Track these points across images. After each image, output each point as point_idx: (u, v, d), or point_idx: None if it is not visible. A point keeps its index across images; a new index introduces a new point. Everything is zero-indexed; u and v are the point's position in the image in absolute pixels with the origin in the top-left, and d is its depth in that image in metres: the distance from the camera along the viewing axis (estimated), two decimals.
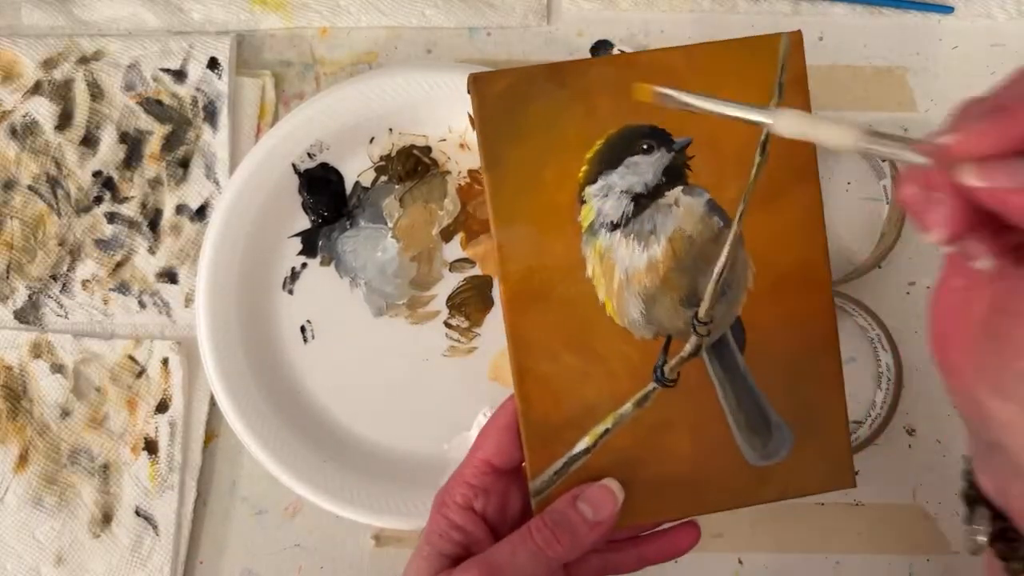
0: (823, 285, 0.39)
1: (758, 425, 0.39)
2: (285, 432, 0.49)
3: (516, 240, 0.38)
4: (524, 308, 0.38)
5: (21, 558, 0.50)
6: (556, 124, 0.38)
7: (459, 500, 0.39)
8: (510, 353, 0.38)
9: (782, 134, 0.29)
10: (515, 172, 0.38)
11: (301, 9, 0.53)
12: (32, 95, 0.52)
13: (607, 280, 0.38)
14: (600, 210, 0.38)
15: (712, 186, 0.38)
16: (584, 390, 0.38)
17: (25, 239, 0.52)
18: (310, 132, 0.50)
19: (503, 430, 0.39)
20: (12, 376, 0.51)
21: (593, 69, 0.38)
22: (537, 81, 0.38)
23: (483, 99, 0.38)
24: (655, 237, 0.38)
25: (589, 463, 0.38)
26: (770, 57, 0.38)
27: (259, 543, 0.52)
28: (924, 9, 0.53)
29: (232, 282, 0.50)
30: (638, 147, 0.38)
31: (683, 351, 0.39)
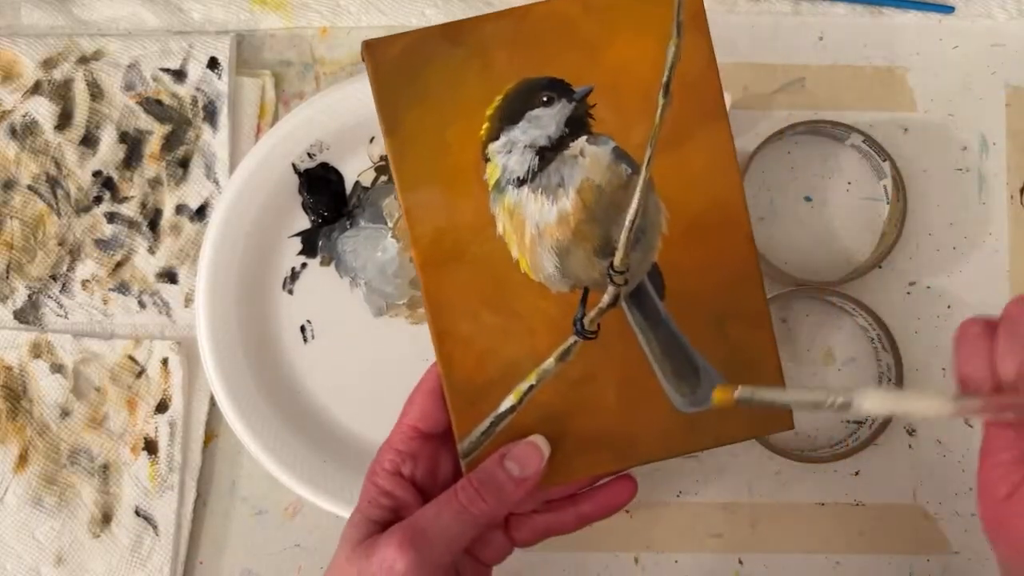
0: (740, 224, 0.39)
1: (684, 371, 0.39)
2: (285, 432, 0.49)
3: (423, 203, 0.38)
4: (437, 270, 0.38)
5: (21, 558, 0.50)
6: (454, 83, 0.38)
7: (387, 466, 0.39)
8: (427, 317, 0.38)
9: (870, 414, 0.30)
10: (416, 135, 0.38)
11: (301, 9, 0.53)
12: (32, 95, 0.52)
13: (518, 236, 0.38)
14: (505, 167, 0.38)
15: (617, 133, 0.38)
16: (505, 348, 0.38)
17: (25, 239, 0.52)
18: (310, 132, 0.50)
19: (428, 394, 0.39)
20: (12, 376, 0.51)
21: (488, 24, 0.38)
22: (432, 41, 0.38)
23: (378, 65, 0.38)
24: (563, 190, 0.38)
25: (516, 421, 0.38)
26: None
27: (259, 543, 0.52)
28: (924, 9, 0.53)
29: (232, 282, 0.50)
30: (538, 100, 0.38)
31: (601, 302, 0.39)
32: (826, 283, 0.50)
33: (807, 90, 0.53)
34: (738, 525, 0.51)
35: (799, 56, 0.53)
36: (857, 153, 0.53)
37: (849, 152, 0.53)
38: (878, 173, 0.52)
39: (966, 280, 0.52)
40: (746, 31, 0.53)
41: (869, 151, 0.51)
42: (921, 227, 0.52)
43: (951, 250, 0.52)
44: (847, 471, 0.51)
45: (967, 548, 0.51)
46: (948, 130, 0.53)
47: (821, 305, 0.52)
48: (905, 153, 0.52)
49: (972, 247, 0.52)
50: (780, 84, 0.53)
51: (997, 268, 0.52)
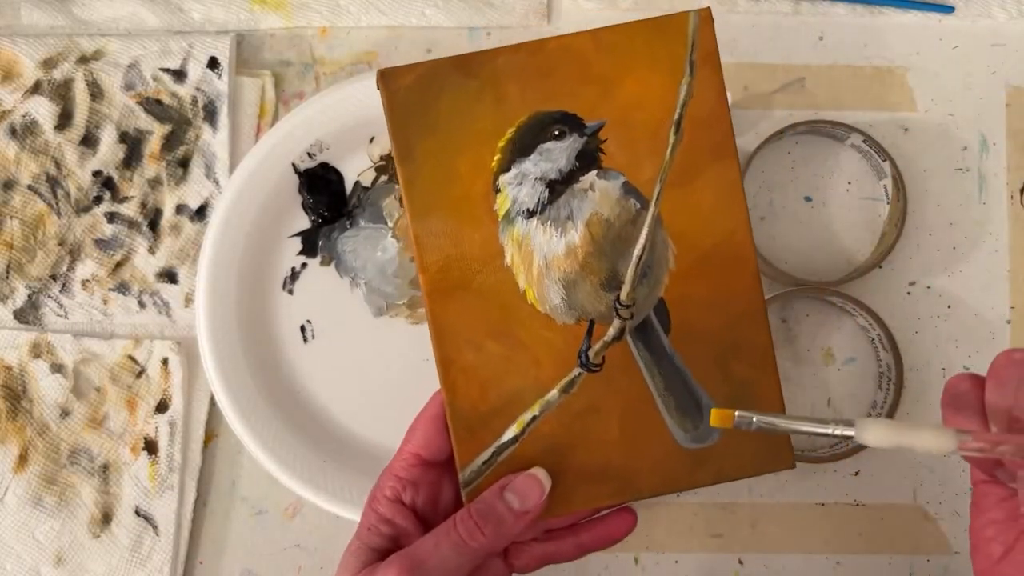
0: (748, 261, 0.39)
1: (688, 407, 0.39)
2: (285, 432, 0.49)
3: (433, 232, 0.38)
4: (445, 299, 0.38)
5: (21, 558, 0.50)
6: (467, 114, 0.38)
7: (388, 494, 0.39)
8: (433, 344, 0.39)
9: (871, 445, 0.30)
10: (428, 164, 0.38)
11: (301, 9, 0.53)
12: (32, 95, 0.52)
13: (526, 267, 0.38)
14: (515, 198, 0.38)
15: (627, 168, 0.38)
16: (510, 378, 0.39)
17: (25, 239, 0.52)
18: (310, 132, 0.50)
19: (431, 421, 0.39)
20: (12, 376, 0.51)
21: (501, 57, 0.38)
22: (445, 73, 0.38)
23: (392, 94, 0.38)
24: (572, 223, 0.38)
25: (518, 452, 0.38)
26: (679, 35, 0.38)
27: (259, 543, 0.52)
28: (924, 9, 0.53)
29: (232, 282, 0.50)
30: (550, 133, 0.38)
31: (607, 335, 0.39)
32: (826, 283, 0.50)
33: (807, 90, 0.53)
34: (738, 525, 0.51)
35: (799, 56, 0.53)
36: (857, 153, 0.53)
37: (849, 152, 0.53)
38: (878, 173, 0.52)
39: (966, 280, 0.52)
40: (746, 31, 0.53)
41: (869, 151, 0.51)
42: (921, 227, 0.52)
43: (951, 250, 0.52)
44: (847, 471, 0.51)
45: (967, 548, 0.51)
46: (948, 130, 0.53)
47: (821, 305, 0.52)
48: (905, 153, 0.52)
49: (972, 247, 0.52)
50: (780, 84, 0.53)
51: (997, 268, 0.52)
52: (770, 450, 0.39)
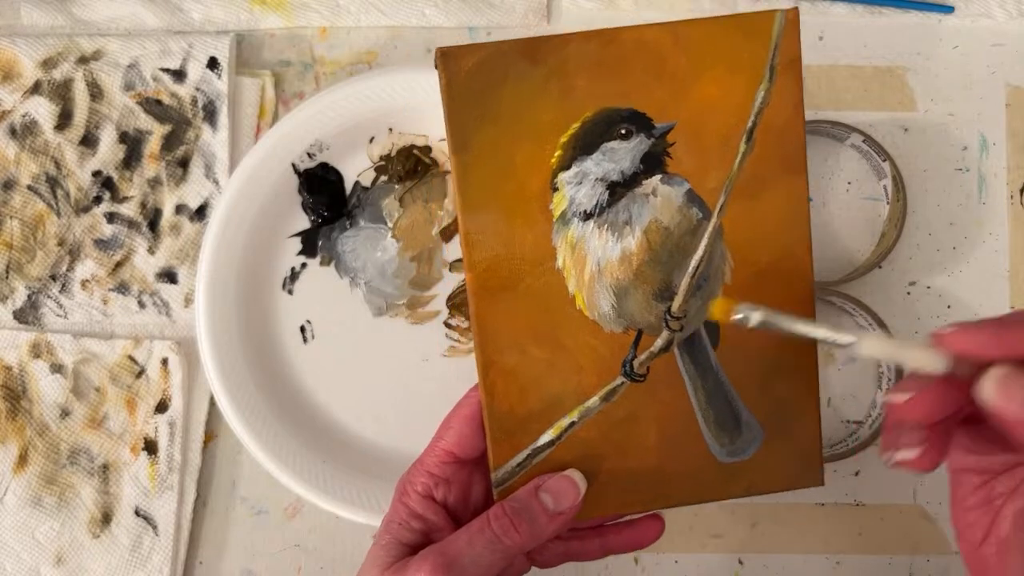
0: (804, 281, 0.38)
1: (727, 422, 0.38)
2: (285, 432, 0.49)
3: (484, 228, 0.37)
4: (491, 299, 0.37)
5: (21, 558, 0.50)
6: (529, 105, 0.36)
7: (419, 489, 0.39)
8: (475, 344, 0.37)
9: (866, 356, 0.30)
10: (484, 156, 0.36)
11: (301, 9, 0.53)
12: (31, 95, 0.52)
13: (578, 272, 0.37)
14: (573, 198, 0.36)
15: (692, 175, 0.37)
16: (550, 383, 0.38)
17: (24, 239, 0.52)
18: (310, 132, 0.50)
19: (466, 420, 0.39)
20: (11, 376, 0.51)
21: (571, 45, 0.36)
22: (510, 57, 0.36)
23: (452, 76, 0.36)
24: (630, 228, 0.36)
25: (553, 455, 0.38)
26: (763, 37, 0.36)
27: (259, 543, 0.52)
28: (924, 9, 0.53)
29: (232, 282, 0.50)
30: (616, 132, 0.36)
31: (654, 346, 0.38)
32: (826, 283, 0.50)
33: (807, 90, 0.53)
34: (738, 525, 0.51)
35: None
36: (857, 153, 0.53)
37: (849, 152, 0.53)
38: (878, 173, 0.52)
39: (966, 280, 0.52)
40: None
41: (869, 151, 0.51)
42: (921, 227, 0.52)
43: (951, 250, 0.52)
44: (847, 471, 0.51)
45: None
46: (948, 130, 0.53)
47: (821, 305, 0.52)
48: (905, 153, 0.52)
49: (972, 247, 0.52)
50: None
51: (997, 268, 0.52)
52: (801, 467, 0.39)
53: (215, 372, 0.49)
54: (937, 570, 0.51)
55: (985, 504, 0.33)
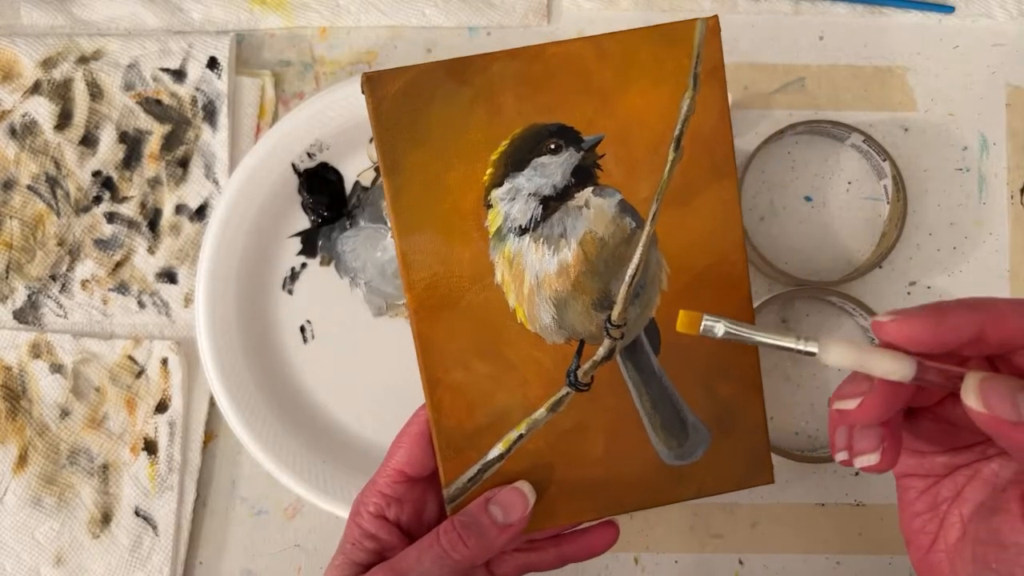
0: (740, 283, 0.38)
1: (673, 426, 0.39)
2: (285, 432, 0.49)
3: (420, 248, 0.37)
4: (432, 317, 0.37)
5: (20, 558, 0.50)
6: (458, 125, 0.36)
7: (372, 509, 0.39)
8: (419, 363, 0.38)
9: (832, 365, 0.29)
10: (416, 177, 0.36)
11: (301, 9, 0.53)
12: (31, 95, 0.52)
13: (517, 286, 0.37)
14: (508, 214, 0.37)
15: (624, 185, 0.37)
16: (497, 397, 0.38)
17: (24, 239, 0.52)
18: (310, 132, 0.50)
19: (415, 438, 0.39)
20: (11, 376, 0.51)
21: (496, 64, 0.36)
22: (436, 79, 0.36)
23: (379, 101, 0.36)
24: (565, 240, 0.37)
25: (503, 469, 0.38)
26: (685, 46, 0.37)
27: (259, 543, 0.52)
28: (924, 9, 0.53)
29: (232, 282, 0.50)
30: (545, 147, 0.37)
31: (596, 355, 0.38)
32: (826, 283, 0.50)
33: (807, 90, 0.53)
34: (738, 525, 0.51)
35: (799, 56, 0.53)
36: (857, 153, 0.53)
37: (849, 152, 0.53)
38: (878, 173, 0.52)
39: (966, 280, 0.52)
40: (746, 31, 0.53)
41: (869, 151, 0.51)
42: (921, 227, 0.52)
43: (951, 250, 0.52)
44: (847, 471, 0.51)
45: None
46: (948, 130, 0.53)
47: (821, 305, 0.52)
48: (905, 153, 0.52)
49: (972, 247, 0.52)
50: (780, 84, 0.53)
51: (997, 268, 0.52)
52: (750, 466, 0.39)
53: (215, 372, 0.49)
54: None
55: (931, 510, 0.33)
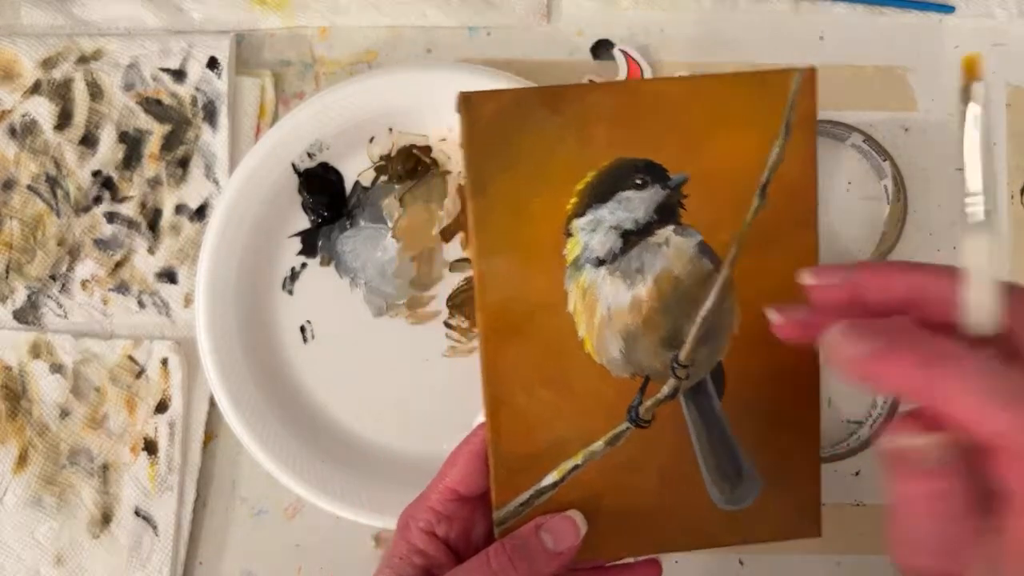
0: None
1: (728, 471, 0.39)
2: (285, 432, 0.49)
3: (498, 271, 0.37)
4: (501, 340, 0.37)
5: (20, 558, 0.50)
6: (548, 153, 0.36)
7: (422, 525, 0.39)
8: (483, 384, 0.37)
9: None
10: (501, 200, 0.36)
11: (301, 9, 0.53)
12: (31, 95, 0.52)
13: (588, 316, 0.37)
14: (587, 245, 0.37)
15: (705, 227, 0.37)
16: (556, 425, 0.38)
17: (24, 239, 0.52)
18: (310, 132, 0.50)
19: (471, 458, 0.39)
20: (11, 376, 0.51)
21: (591, 95, 0.36)
22: (531, 105, 0.36)
23: (473, 121, 0.36)
24: (641, 276, 0.37)
25: (555, 497, 0.38)
26: (780, 94, 0.37)
27: (259, 543, 0.52)
28: (924, 9, 0.53)
29: (232, 282, 0.50)
30: (631, 182, 0.37)
31: (660, 393, 0.38)
32: None
33: None
34: None
35: (799, 56, 0.53)
36: (857, 153, 0.53)
37: (849, 152, 0.53)
38: (878, 173, 0.52)
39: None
40: (746, 31, 0.53)
41: (869, 151, 0.51)
42: (921, 227, 0.52)
43: (951, 250, 0.52)
44: (847, 471, 0.51)
45: None
46: (948, 130, 0.53)
47: None
48: (905, 153, 0.52)
49: None
50: None
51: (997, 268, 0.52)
52: (799, 518, 0.39)
53: (215, 372, 0.49)
54: None
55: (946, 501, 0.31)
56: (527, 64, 0.53)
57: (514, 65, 0.53)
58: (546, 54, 0.53)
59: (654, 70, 0.52)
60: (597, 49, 0.53)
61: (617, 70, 0.52)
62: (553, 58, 0.53)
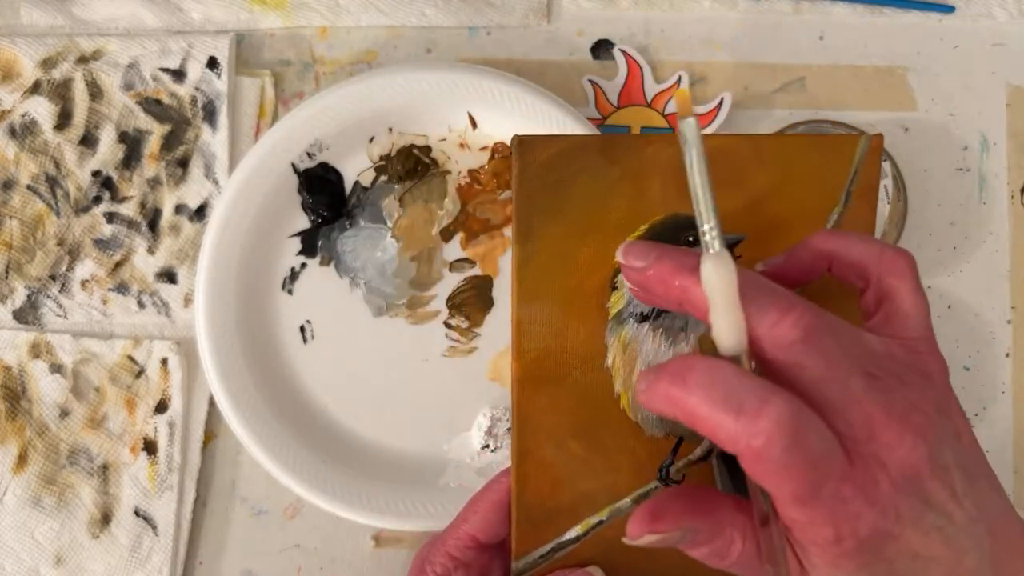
0: None
1: None
2: (285, 432, 0.49)
3: (537, 319, 0.36)
4: (535, 389, 0.37)
5: (20, 558, 0.50)
6: (600, 202, 0.36)
7: (439, 571, 0.39)
8: (513, 432, 0.37)
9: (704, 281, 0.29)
10: (548, 248, 0.36)
11: (301, 8, 0.53)
12: (31, 95, 0.52)
13: (626, 372, 0.36)
14: (631, 299, 0.36)
15: None
16: (584, 479, 0.37)
17: (24, 239, 0.52)
18: (310, 132, 0.50)
19: (494, 506, 0.38)
20: (11, 376, 0.51)
21: (650, 148, 0.35)
22: (587, 153, 0.35)
23: (526, 165, 0.35)
24: (684, 335, 0.36)
25: (576, 551, 0.37)
26: (843, 160, 0.36)
27: (259, 543, 0.52)
28: (924, 9, 0.53)
29: (231, 282, 0.50)
30: (684, 238, 0.35)
31: (693, 454, 0.37)
32: None
33: (807, 90, 0.53)
34: None
35: (799, 56, 0.53)
36: None
37: None
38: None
39: (966, 280, 0.52)
40: (746, 31, 0.53)
41: None
42: (921, 227, 0.52)
43: (951, 250, 0.52)
44: None
45: None
46: (948, 130, 0.53)
47: None
48: (905, 153, 0.52)
49: (972, 247, 0.52)
50: (780, 84, 0.53)
51: (998, 268, 0.52)
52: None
53: (215, 372, 0.49)
54: None
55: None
56: (527, 64, 0.53)
57: (514, 65, 0.53)
58: (546, 54, 0.53)
59: (654, 70, 0.52)
60: (597, 49, 0.53)
61: (617, 70, 0.52)
62: (553, 58, 0.53)
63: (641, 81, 0.52)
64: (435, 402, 0.51)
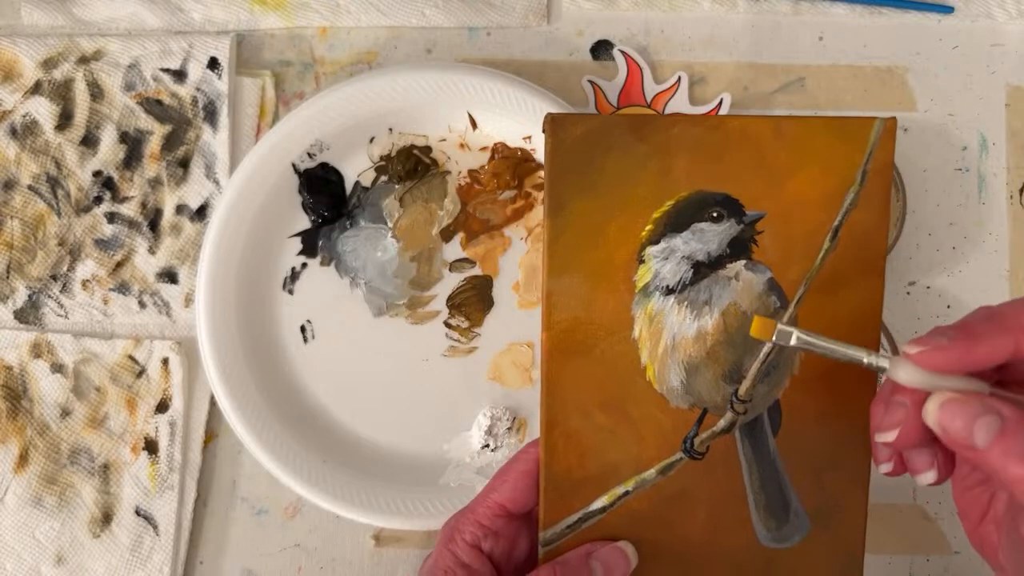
0: (869, 383, 0.38)
1: (777, 508, 0.39)
2: (285, 432, 0.49)
3: (567, 291, 0.37)
4: (564, 360, 0.38)
5: (21, 558, 0.50)
6: (629, 179, 0.37)
7: (468, 538, 0.39)
8: (542, 402, 0.38)
9: (903, 383, 0.30)
10: (578, 222, 0.37)
11: (301, 9, 0.53)
12: (32, 95, 0.52)
13: (652, 344, 0.38)
14: (658, 272, 0.37)
15: (775, 264, 0.38)
16: (610, 450, 0.38)
17: (25, 239, 0.52)
18: (310, 132, 0.50)
19: (522, 475, 0.39)
20: (12, 376, 0.51)
21: (677, 127, 0.37)
22: (617, 131, 0.37)
23: (559, 142, 0.37)
24: (708, 308, 0.37)
25: (603, 521, 0.38)
26: (859, 141, 0.38)
27: (259, 543, 0.52)
28: (924, 9, 0.53)
29: (232, 282, 0.50)
30: (708, 214, 0.37)
31: (716, 426, 0.38)
32: None
33: (807, 90, 0.53)
34: None
35: (799, 56, 0.53)
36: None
37: None
38: None
39: (966, 280, 0.52)
40: (746, 31, 0.53)
41: None
42: (921, 227, 0.52)
43: (951, 250, 0.52)
44: None
45: (967, 548, 0.51)
46: (948, 130, 0.53)
47: None
48: (905, 153, 0.52)
49: (972, 247, 0.52)
50: (780, 84, 0.53)
51: (997, 268, 0.52)
52: (842, 565, 0.39)
53: (215, 372, 0.49)
54: (937, 570, 0.51)
55: (981, 483, 0.34)
56: (527, 64, 0.53)
57: (514, 65, 0.53)
58: (546, 54, 0.53)
59: (654, 70, 0.53)
60: (597, 49, 0.53)
61: (617, 70, 0.53)
62: (553, 58, 0.53)
63: (641, 81, 0.52)
64: (435, 402, 0.51)
